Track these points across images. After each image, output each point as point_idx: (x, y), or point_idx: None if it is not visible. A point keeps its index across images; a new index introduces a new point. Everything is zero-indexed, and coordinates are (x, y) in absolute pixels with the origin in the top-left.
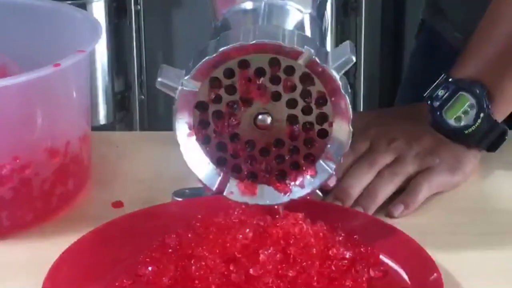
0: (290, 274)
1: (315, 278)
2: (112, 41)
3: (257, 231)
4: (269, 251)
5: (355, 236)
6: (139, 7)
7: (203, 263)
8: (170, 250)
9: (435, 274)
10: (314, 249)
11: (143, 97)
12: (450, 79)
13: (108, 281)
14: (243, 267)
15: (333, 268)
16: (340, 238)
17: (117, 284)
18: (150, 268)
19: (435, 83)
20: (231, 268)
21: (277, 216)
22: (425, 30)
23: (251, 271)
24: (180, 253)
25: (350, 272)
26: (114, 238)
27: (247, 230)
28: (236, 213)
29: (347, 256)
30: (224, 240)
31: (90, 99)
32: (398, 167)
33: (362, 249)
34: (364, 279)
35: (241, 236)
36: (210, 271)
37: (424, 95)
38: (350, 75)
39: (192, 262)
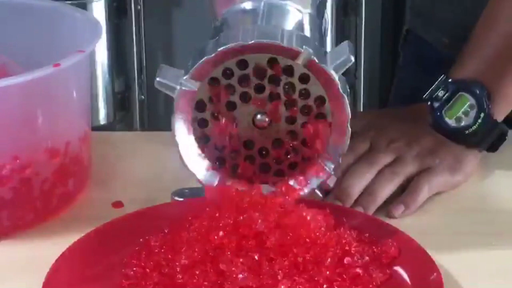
0: (296, 279)
1: (324, 286)
2: (112, 41)
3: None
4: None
5: (366, 234)
6: (139, 7)
7: (196, 272)
8: (155, 252)
9: (435, 274)
10: (329, 259)
11: (143, 97)
12: (450, 80)
13: (108, 281)
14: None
15: (345, 276)
16: (355, 244)
17: (117, 284)
18: (135, 269)
19: (435, 83)
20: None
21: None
22: (410, 40)
23: (240, 276)
24: (165, 258)
25: (363, 278)
26: (114, 238)
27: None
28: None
29: (361, 262)
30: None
31: (90, 99)
32: (398, 167)
33: (375, 249)
34: (374, 284)
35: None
36: (202, 279)
37: (424, 95)
38: (350, 75)
39: (178, 270)
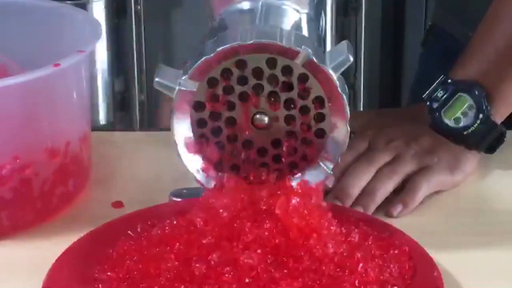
0: None
1: None
2: (112, 41)
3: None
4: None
5: (375, 233)
6: (139, 7)
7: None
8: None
9: (435, 274)
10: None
11: (143, 97)
12: (449, 80)
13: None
14: None
15: None
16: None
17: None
18: (108, 273)
19: (435, 83)
20: None
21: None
22: (435, 35)
23: None
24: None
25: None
26: (114, 238)
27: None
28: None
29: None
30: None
31: (90, 99)
32: (396, 166)
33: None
34: None
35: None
36: None
37: (423, 96)
38: (350, 75)
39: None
